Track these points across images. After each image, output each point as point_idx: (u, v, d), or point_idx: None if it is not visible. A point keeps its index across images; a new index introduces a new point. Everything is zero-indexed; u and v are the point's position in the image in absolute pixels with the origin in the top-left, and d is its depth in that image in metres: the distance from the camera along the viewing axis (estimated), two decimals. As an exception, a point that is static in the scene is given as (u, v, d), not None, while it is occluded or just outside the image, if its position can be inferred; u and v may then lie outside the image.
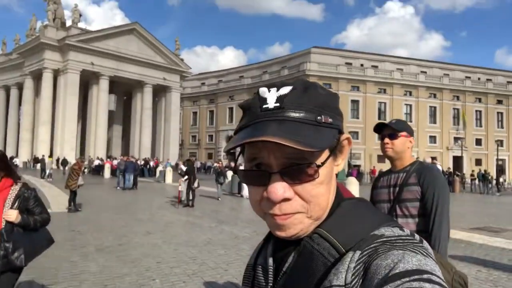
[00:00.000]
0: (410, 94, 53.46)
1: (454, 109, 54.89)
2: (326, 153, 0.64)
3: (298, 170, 0.61)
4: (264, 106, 0.64)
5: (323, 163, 0.63)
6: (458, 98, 54.98)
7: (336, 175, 0.69)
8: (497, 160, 45.92)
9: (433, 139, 53.58)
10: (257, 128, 0.62)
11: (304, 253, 0.63)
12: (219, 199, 16.46)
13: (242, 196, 17.64)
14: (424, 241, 0.60)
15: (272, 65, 60.34)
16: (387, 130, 2.32)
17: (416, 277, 0.50)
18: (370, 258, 0.56)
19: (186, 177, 14.02)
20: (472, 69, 60.83)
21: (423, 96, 53.72)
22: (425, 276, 0.50)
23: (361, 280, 0.55)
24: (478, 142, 54.72)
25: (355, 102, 51.68)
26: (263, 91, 0.66)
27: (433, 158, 15.57)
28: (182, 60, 53.27)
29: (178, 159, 45.04)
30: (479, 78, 58.72)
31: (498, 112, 56.28)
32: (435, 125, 53.91)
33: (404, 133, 2.29)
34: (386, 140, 2.31)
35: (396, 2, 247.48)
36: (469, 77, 57.83)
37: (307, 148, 0.57)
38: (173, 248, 7.20)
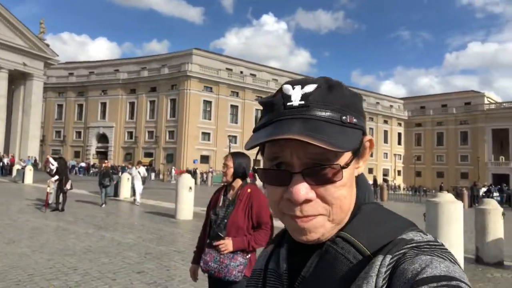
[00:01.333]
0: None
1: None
2: (349, 155, 0.62)
3: (322, 171, 0.59)
4: (288, 104, 0.61)
5: (347, 165, 0.61)
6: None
7: None
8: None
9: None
10: (281, 125, 0.59)
11: (327, 258, 0.61)
12: (103, 205, 13.87)
13: (136, 202, 15.11)
14: (445, 245, 0.59)
15: (152, 62, 58.31)
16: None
17: (444, 283, 0.49)
18: (398, 262, 0.54)
19: (56, 177, 12.44)
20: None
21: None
22: (453, 283, 0.49)
23: (387, 285, 0.54)
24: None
25: (234, 107, 53.44)
26: (287, 88, 0.63)
27: None
28: (47, 45, 47.40)
29: (43, 155, 39.83)
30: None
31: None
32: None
33: None
34: None
35: (271, 17, 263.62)
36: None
37: (333, 148, 0.55)
38: (46, 258, 6.30)
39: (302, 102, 0.61)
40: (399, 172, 69.15)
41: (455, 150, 66.05)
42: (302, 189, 0.59)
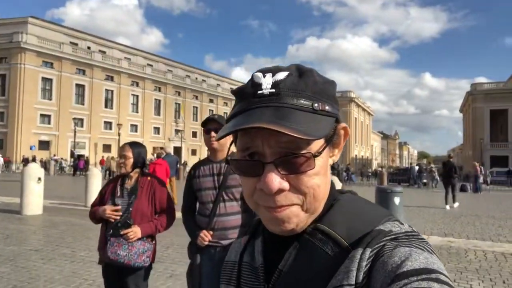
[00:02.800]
0: (137, 85, 54.90)
1: (175, 103, 60.38)
2: (322, 143, 0.61)
3: (294, 160, 0.58)
4: (259, 92, 0.60)
5: (319, 153, 0.60)
6: (179, 93, 60.83)
7: None
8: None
9: (157, 130, 57.15)
10: (251, 114, 0.58)
11: (305, 251, 0.61)
12: None
13: None
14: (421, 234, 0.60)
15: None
16: (212, 124, 2.51)
17: (424, 276, 0.49)
18: (377, 255, 0.54)
19: None
20: (191, 69, 68.71)
21: (149, 88, 56.33)
22: (433, 275, 0.50)
23: (367, 278, 0.54)
24: (194, 134, 62.46)
25: (80, 87, 48.33)
26: (258, 76, 0.62)
27: None
28: None
29: None
30: (196, 78, 66.96)
31: (210, 109, 65.95)
32: (159, 117, 57.65)
33: None
34: (212, 133, 2.50)
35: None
36: (189, 76, 65.06)
37: (304, 136, 0.54)
38: None
39: (273, 90, 0.60)
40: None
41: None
42: (275, 180, 0.58)
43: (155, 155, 18.83)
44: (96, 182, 11.72)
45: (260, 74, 0.62)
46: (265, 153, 0.59)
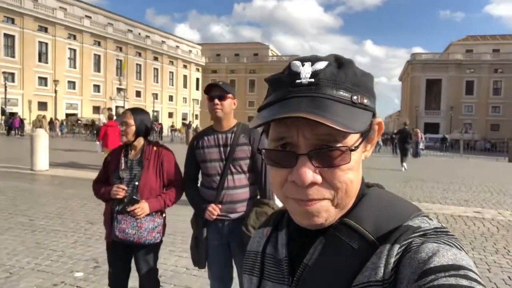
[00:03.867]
0: (74, 38, 50.69)
1: (117, 60, 56.85)
2: (358, 137, 0.59)
3: (329, 153, 0.56)
4: (297, 81, 0.58)
5: (356, 148, 0.58)
6: (121, 49, 57.21)
7: None
8: (153, 111, 52.18)
9: (97, 88, 53.77)
10: (288, 104, 0.56)
11: (331, 245, 0.59)
12: None
13: None
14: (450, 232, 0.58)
15: None
16: (216, 91, 2.35)
17: (452, 272, 0.48)
18: (405, 251, 0.53)
19: None
20: (134, 23, 64.50)
21: (88, 42, 52.30)
22: (461, 272, 0.48)
23: (395, 275, 0.53)
24: (138, 94, 59.76)
25: (9, 37, 43.58)
26: (296, 64, 0.59)
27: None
28: None
29: None
30: (139, 33, 63.19)
31: (154, 68, 63.14)
32: (99, 73, 54.09)
33: (230, 95, 2.39)
34: (216, 101, 2.34)
35: None
36: (131, 31, 61.15)
37: (342, 129, 0.52)
38: None
39: (312, 79, 0.57)
40: (196, 116, 72.71)
41: (244, 96, 73.72)
42: (308, 172, 0.56)
43: (103, 116, 17.78)
44: (42, 144, 10.87)
45: (298, 63, 0.60)
46: (300, 145, 0.57)
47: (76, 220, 5.99)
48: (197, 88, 74.23)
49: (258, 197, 2.46)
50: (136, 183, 2.49)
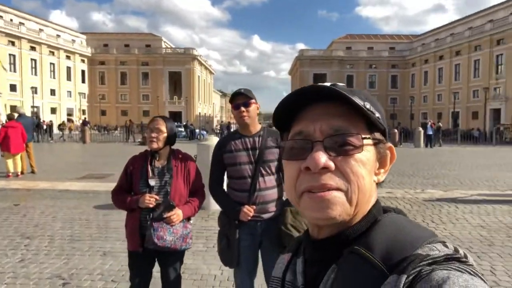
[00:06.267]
0: None
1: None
2: (370, 141, 0.63)
3: (342, 139, 0.60)
4: (319, 83, 0.64)
5: (368, 138, 0.63)
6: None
7: None
8: (33, 107, 46.63)
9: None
10: (313, 87, 0.62)
11: (343, 274, 0.59)
12: None
13: None
14: (469, 256, 0.57)
15: None
16: (240, 99, 2.47)
17: None
18: (414, 281, 0.52)
19: None
20: (4, 7, 56.30)
21: None
22: None
23: None
24: (13, 88, 52.55)
25: None
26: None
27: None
28: None
29: None
30: (11, 20, 55.48)
31: (32, 59, 56.12)
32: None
33: (254, 101, 2.52)
34: (242, 109, 2.46)
35: None
36: (1, 16, 53.34)
37: (363, 109, 0.60)
38: None
39: (331, 86, 0.63)
40: (83, 111, 67.01)
41: (137, 89, 70.41)
42: (322, 156, 0.59)
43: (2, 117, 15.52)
44: None
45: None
46: (316, 136, 0.61)
47: (8, 237, 5.28)
48: (83, 81, 68.27)
49: (284, 197, 2.61)
50: (168, 189, 2.47)
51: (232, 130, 12.55)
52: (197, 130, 37.37)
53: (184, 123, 42.72)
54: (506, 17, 48.72)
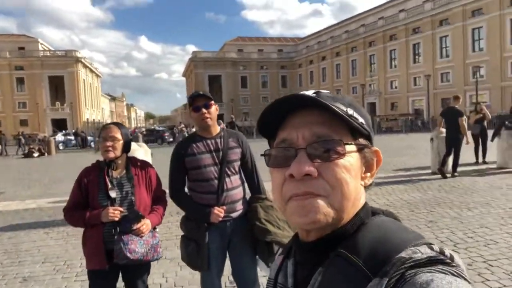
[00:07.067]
0: None
1: None
2: (354, 148, 0.64)
3: (325, 145, 0.61)
4: (301, 92, 0.66)
5: (350, 144, 0.63)
6: None
7: None
8: None
9: None
10: (294, 95, 0.64)
11: (328, 277, 0.60)
12: None
13: None
14: (455, 257, 0.55)
15: None
16: (201, 101, 2.39)
17: None
18: (397, 284, 0.51)
19: None
20: None
21: None
22: None
23: None
24: None
25: None
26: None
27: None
28: None
29: None
30: None
31: None
32: None
33: (213, 102, 2.46)
34: (204, 110, 2.39)
35: None
36: None
37: (343, 115, 0.61)
38: None
39: (314, 94, 0.65)
40: None
41: (12, 97, 62.40)
42: (305, 163, 0.60)
43: None
44: None
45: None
46: (299, 143, 0.63)
47: None
48: None
49: (248, 195, 2.60)
50: (133, 199, 2.27)
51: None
52: (89, 138, 34.44)
53: (74, 131, 39.05)
54: (375, 22, 55.41)
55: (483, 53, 41.30)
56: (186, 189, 2.51)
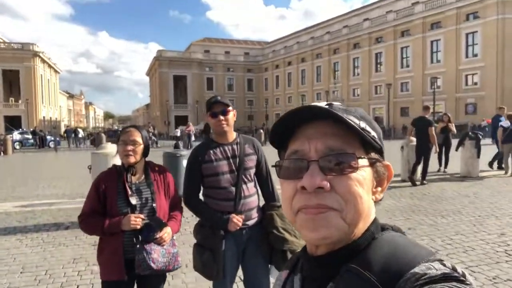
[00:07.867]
0: None
1: None
2: (366, 162, 0.63)
3: (339, 158, 0.60)
4: (314, 103, 0.64)
5: (363, 158, 0.63)
6: None
7: None
8: None
9: None
10: (308, 107, 0.63)
11: None
12: None
13: None
14: (467, 275, 0.54)
15: None
16: (218, 107, 2.40)
17: None
18: None
19: None
20: None
21: None
22: None
23: None
24: None
25: None
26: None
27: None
28: None
29: None
30: None
31: None
32: None
33: (231, 108, 2.48)
34: (221, 117, 2.40)
35: None
36: None
37: (356, 127, 0.61)
38: None
39: (327, 106, 0.64)
40: None
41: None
42: (317, 176, 0.59)
43: None
44: None
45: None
46: (311, 155, 0.62)
47: None
48: None
49: (263, 203, 2.60)
50: (154, 205, 2.20)
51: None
52: (48, 137, 32.83)
53: (32, 129, 37.06)
54: (339, 30, 56.87)
55: (441, 64, 43.38)
56: (200, 196, 2.48)
